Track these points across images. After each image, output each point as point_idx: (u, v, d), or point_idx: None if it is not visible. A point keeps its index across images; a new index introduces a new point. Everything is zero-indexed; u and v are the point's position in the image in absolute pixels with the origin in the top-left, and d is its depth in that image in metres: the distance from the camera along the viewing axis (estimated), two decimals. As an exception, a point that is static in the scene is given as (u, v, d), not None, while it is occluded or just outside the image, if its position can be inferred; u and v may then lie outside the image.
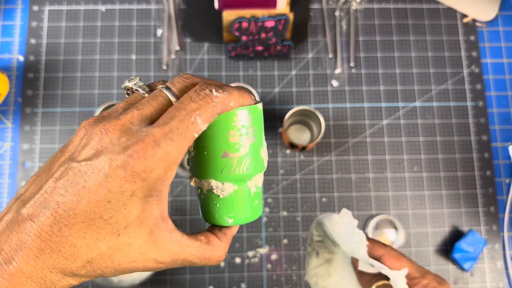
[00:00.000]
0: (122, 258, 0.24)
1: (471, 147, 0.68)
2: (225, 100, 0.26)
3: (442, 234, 0.65)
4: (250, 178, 0.29)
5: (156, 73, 0.68)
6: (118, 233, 0.24)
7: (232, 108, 0.27)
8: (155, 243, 0.25)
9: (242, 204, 0.30)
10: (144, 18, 0.70)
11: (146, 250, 0.25)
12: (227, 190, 0.29)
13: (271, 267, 0.63)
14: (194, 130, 0.24)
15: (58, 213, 0.22)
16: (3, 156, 0.65)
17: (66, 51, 0.69)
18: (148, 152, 0.23)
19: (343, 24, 0.72)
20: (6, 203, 0.64)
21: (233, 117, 0.27)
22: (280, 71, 0.69)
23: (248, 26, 0.63)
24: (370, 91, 0.69)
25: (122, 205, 0.23)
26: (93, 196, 0.22)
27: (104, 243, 0.23)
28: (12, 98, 0.67)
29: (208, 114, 0.25)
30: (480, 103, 0.70)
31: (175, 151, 0.24)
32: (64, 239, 0.22)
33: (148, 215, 0.24)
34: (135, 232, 0.24)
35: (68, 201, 0.22)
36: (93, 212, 0.23)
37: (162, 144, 0.23)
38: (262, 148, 0.29)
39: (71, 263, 0.23)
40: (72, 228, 0.23)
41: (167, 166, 0.24)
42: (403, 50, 0.71)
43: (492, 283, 0.64)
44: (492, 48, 0.72)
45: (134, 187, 0.23)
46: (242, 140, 0.28)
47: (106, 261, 0.24)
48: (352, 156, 0.67)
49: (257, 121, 0.29)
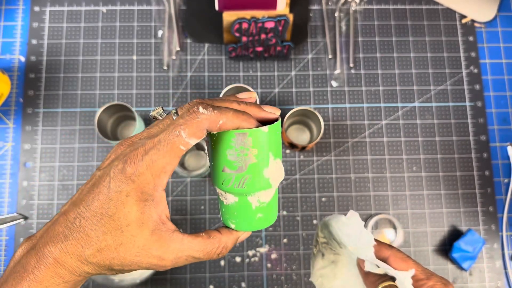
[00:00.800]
0: (126, 252, 0.28)
1: (470, 147, 0.69)
2: (212, 117, 0.28)
3: (441, 234, 0.66)
4: (250, 194, 0.31)
5: (156, 73, 0.69)
6: (122, 230, 0.28)
7: (223, 125, 0.29)
8: (158, 242, 0.29)
9: (243, 215, 0.32)
10: (144, 19, 0.71)
11: (149, 247, 0.28)
12: (229, 199, 0.32)
13: (271, 266, 0.64)
14: (179, 143, 0.28)
15: (80, 209, 0.28)
16: (5, 156, 0.65)
17: (67, 51, 0.69)
18: (138, 159, 0.28)
19: (342, 24, 0.72)
20: (8, 203, 0.64)
21: (231, 137, 0.29)
22: (280, 71, 0.70)
23: (248, 27, 0.63)
24: (370, 91, 0.70)
25: (121, 204, 0.28)
26: (100, 195, 0.28)
27: (110, 237, 0.28)
28: (14, 98, 0.67)
29: (192, 128, 0.28)
30: (479, 103, 0.70)
31: (161, 160, 0.28)
32: (81, 229, 0.28)
33: (147, 218, 0.28)
34: (137, 230, 0.28)
35: (87, 200, 0.28)
36: (101, 208, 0.28)
37: (149, 153, 0.28)
38: (266, 168, 0.30)
39: (85, 250, 0.28)
40: (88, 221, 0.28)
41: (154, 173, 0.28)
42: (402, 51, 0.71)
43: (491, 283, 0.64)
44: (491, 48, 0.72)
45: (128, 188, 0.28)
46: (240, 160, 0.30)
47: (113, 252, 0.28)
48: (351, 156, 0.67)
49: (260, 143, 0.30)
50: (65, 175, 0.65)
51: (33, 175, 0.65)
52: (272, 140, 0.31)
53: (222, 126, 0.29)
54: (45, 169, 0.65)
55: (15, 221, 0.63)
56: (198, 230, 0.64)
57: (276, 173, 0.31)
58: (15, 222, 0.63)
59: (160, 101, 0.68)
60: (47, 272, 0.28)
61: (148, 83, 0.68)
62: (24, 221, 0.63)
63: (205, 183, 0.66)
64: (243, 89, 0.62)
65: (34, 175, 0.65)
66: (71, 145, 0.66)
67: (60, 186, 0.65)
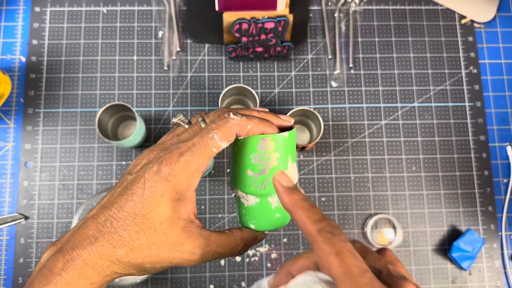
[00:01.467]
0: (159, 249, 0.30)
1: (469, 147, 0.69)
2: (242, 122, 0.31)
3: (441, 234, 0.66)
4: (270, 194, 0.33)
5: (156, 73, 0.69)
6: (155, 228, 0.29)
7: (250, 130, 0.31)
8: (188, 238, 0.30)
9: (263, 215, 0.34)
10: (145, 19, 0.71)
11: (180, 243, 0.30)
12: (250, 201, 0.34)
13: (271, 266, 0.64)
14: (212, 145, 0.30)
15: (111, 211, 0.29)
16: (5, 156, 0.66)
17: (68, 51, 0.69)
18: (173, 160, 0.29)
19: (342, 25, 0.72)
20: (8, 203, 0.64)
21: (256, 142, 0.32)
22: (280, 71, 0.70)
23: (248, 28, 0.64)
24: (369, 91, 0.70)
25: (156, 203, 0.29)
26: (135, 196, 0.29)
27: (143, 236, 0.29)
28: (14, 99, 0.67)
29: (225, 132, 0.30)
30: (478, 103, 0.70)
31: (195, 161, 0.30)
32: (113, 230, 0.29)
33: (178, 216, 0.30)
34: (169, 228, 0.30)
35: (119, 202, 0.30)
36: (135, 208, 0.29)
37: (185, 155, 0.29)
38: (286, 171, 0.33)
39: (117, 250, 0.29)
40: (120, 221, 0.29)
41: (189, 173, 0.30)
42: (402, 51, 0.72)
43: (490, 282, 0.65)
44: (490, 48, 0.72)
45: (163, 188, 0.29)
46: (263, 163, 0.32)
47: (145, 250, 0.29)
48: (351, 156, 0.68)
49: (281, 147, 0.32)
50: (66, 175, 0.65)
51: (34, 175, 0.65)
52: (290, 145, 0.34)
53: (250, 131, 0.31)
54: (46, 169, 0.65)
55: (15, 221, 0.63)
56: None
57: (293, 174, 0.34)
58: (15, 222, 0.63)
59: (160, 101, 0.68)
60: (74, 274, 0.28)
61: (149, 83, 0.69)
62: (24, 221, 0.63)
63: (205, 183, 0.66)
64: (243, 89, 0.62)
65: (34, 175, 0.65)
66: (72, 145, 0.66)
67: (60, 186, 0.65)
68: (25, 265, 0.62)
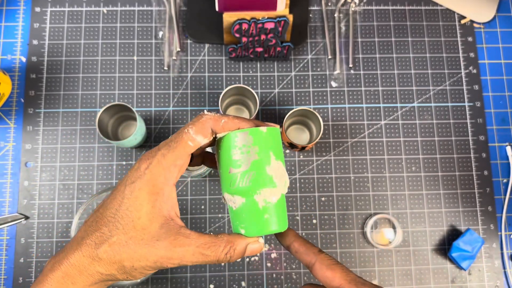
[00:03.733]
0: (136, 244, 0.30)
1: (469, 147, 0.69)
2: (215, 117, 0.32)
3: (440, 233, 0.66)
4: (255, 191, 0.33)
5: (157, 74, 0.69)
6: (133, 223, 0.30)
7: (226, 125, 0.33)
8: (166, 234, 0.30)
9: (250, 216, 0.33)
10: (145, 20, 0.71)
11: (157, 238, 0.30)
12: (237, 202, 0.33)
13: (271, 266, 0.64)
14: (187, 139, 0.31)
15: (99, 211, 0.31)
16: (6, 156, 0.66)
17: (68, 52, 0.69)
18: (151, 155, 0.31)
19: (342, 25, 0.72)
20: (9, 203, 0.64)
21: (234, 138, 0.33)
22: (279, 72, 0.70)
23: (248, 28, 0.64)
24: (369, 91, 0.70)
25: (135, 198, 0.30)
26: (118, 194, 0.31)
27: (121, 231, 0.30)
28: (15, 99, 0.67)
29: (198, 126, 0.32)
30: (478, 103, 0.70)
31: (171, 154, 0.31)
32: (97, 228, 0.30)
33: (157, 212, 0.30)
34: (147, 223, 0.30)
35: (106, 202, 0.31)
36: (117, 205, 0.30)
37: (161, 149, 0.31)
38: (268, 166, 0.33)
39: (98, 247, 0.30)
40: (103, 219, 0.30)
41: (165, 166, 0.31)
42: (402, 51, 0.72)
43: (490, 282, 0.65)
44: (490, 49, 0.73)
45: (141, 182, 0.30)
46: (243, 158, 0.33)
47: (123, 246, 0.30)
48: (351, 156, 0.68)
49: (261, 142, 0.33)
50: (66, 175, 0.65)
51: (34, 175, 0.65)
52: (271, 141, 0.34)
53: (225, 125, 0.32)
54: (46, 169, 0.65)
55: (16, 220, 0.63)
56: (199, 229, 0.65)
57: (278, 172, 0.33)
58: (16, 221, 0.63)
59: (160, 101, 0.68)
60: (60, 275, 0.29)
61: (149, 84, 0.69)
62: (25, 220, 0.64)
63: (205, 183, 0.66)
64: (243, 89, 0.62)
65: (35, 175, 0.65)
66: (72, 145, 0.66)
67: (61, 186, 0.65)
68: (25, 265, 0.62)
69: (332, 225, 0.66)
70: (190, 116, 0.68)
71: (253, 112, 0.63)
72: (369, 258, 0.65)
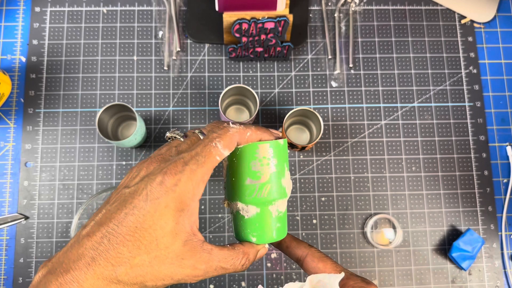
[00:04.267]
0: (160, 264, 0.28)
1: (469, 147, 0.69)
2: (241, 130, 0.32)
3: (441, 233, 0.66)
4: (271, 202, 0.34)
5: (157, 73, 0.69)
6: (157, 242, 0.28)
7: (250, 137, 0.32)
8: (190, 252, 0.29)
9: (264, 225, 0.34)
10: (145, 19, 0.71)
11: (182, 257, 0.29)
12: (251, 212, 0.34)
13: (271, 266, 0.64)
14: (216, 153, 0.30)
15: (109, 227, 0.28)
16: (6, 156, 0.66)
17: (68, 52, 0.69)
18: (178, 169, 0.29)
19: (342, 25, 0.72)
20: (9, 203, 0.64)
21: (255, 149, 0.33)
22: (279, 72, 0.70)
23: (248, 28, 0.64)
24: (369, 91, 0.70)
25: (159, 215, 0.28)
26: (135, 209, 0.28)
27: (144, 251, 0.28)
28: (14, 99, 0.67)
29: (227, 139, 0.31)
30: (478, 103, 0.70)
31: (200, 170, 0.29)
32: (111, 247, 0.27)
33: (181, 228, 0.29)
34: (171, 241, 0.28)
35: (118, 217, 0.28)
36: (136, 222, 0.28)
37: (189, 164, 0.29)
38: (283, 178, 0.34)
39: (116, 269, 0.27)
40: (119, 237, 0.27)
41: (195, 182, 0.29)
42: (402, 51, 0.72)
43: (490, 282, 0.65)
44: (490, 49, 0.73)
45: (167, 199, 0.28)
46: (263, 170, 0.33)
47: (147, 267, 0.28)
48: (351, 156, 0.68)
49: (278, 154, 0.33)
50: (66, 175, 0.65)
51: (34, 175, 0.65)
52: (285, 153, 0.34)
53: (249, 138, 0.32)
54: (46, 169, 0.65)
55: (16, 221, 0.63)
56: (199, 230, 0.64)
57: (289, 183, 0.34)
58: (16, 221, 0.63)
59: (160, 101, 0.68)
60: None
61: (149, 84, 0.69)
62: (25, 221, 0.63)
63: (206, 183, 0.66)
64: (243, 89, 0.62)
65: (35, 175, 0.65)
66: (72, 145, 0.66)
67: (61, 186, 0.65)
68: (25, 265, 0.62)
69: (332, 225, 0.66)
70: (190, 116, 0.68)
71: (253, 112, 0.63)
72: (369, 258, 0.65)
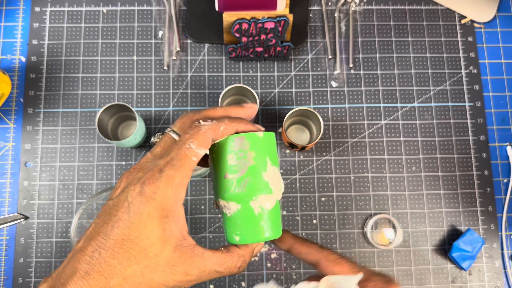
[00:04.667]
0: (152, 273, 0.28)
1: (469, 147, 0.69)
2: (214, 125, 0.31)
3: (441, 233, 0.66)
4: (251, 197, 0.32)
5: (156, 73, 0.69)
6: (146, 251, 0.28)
7: (225, 131, 0.31)
8: (181, 258, 0.29)
9: (245, 222, 0.32)
10: (145, 19, 0.71)
11: (173, 264, 0.29)
12: (232, 208, 0.32)
13: (271, 266, 0.64)
14: (191, 155, 0.30)
15: (98, 240, 0.28)
16: (5, 156, 0.66)
17: (68, 51, 0.69)
18: (155, 177, 0.29)
19: (342, 25, 0.72)
20: (8, 203, 0.64)
21: (230, 142, 0.32)
22: (280, 71, 0.70)
23: (248, 28, 0.64)
24: (369, 91, 0.70)
25: (143, 225, 0.28)
26: (120, 221, 0.28)
27: (134, 261, 0.28)
28: (14, 99, 0.67)
29: (200, 138, 0.30)
30: (478, 103, 0.70)
31: (177, 174, 0.29)
32: (102, 261, 0.28)
33: (169, 235, 0.29)
34: (160, 249, 0.28)
35: (105, 230, 0.28)
36: (122, 234, 0.28)
37: (165, 170, 0.29)
38: (265, 172, 0.32)
39: (109, 281, 0.27)
40: (108, 250, 0.28)
41: (174, 188, 0.29)
42: (402, 51, 0.72)
43: (490, 282, 0.65)
44: (490, 49, 0.72)
45: (149, 208, 0.28)
46: (239, 163, 0.31)
47: (139, 277, 0.28)
48: (351, 156, 0.68)
49: (257, 147, 0.32)
50: (66, 175, 0.65)
51: (34, 175, 0.65)
52: (267, 146, 0.33)
53: (224, 132, 0.31)
54: (46, 169, 0.65)
55: (15, 221, 0.63)
56: (198, 230, 0.64)
57: (274, 178, 0.33)
58: (15, 222, 0.63)
59: (160, 101, 0.68)
60: None
61: (149, 83, 0.69)
62: (24, 221, 0.63)
63: (205, 183, 0.66)
64: (243, 89, 0.62)
65: (34, 175, 0.65)
66: (72, 145, 0.66)
67: (60, 186, 0.65)
68: (25, 265, 0.62)
69: (332, 225, 0.65)
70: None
71: (253, 112, 0.63)
72: (369, 258, 0.65)
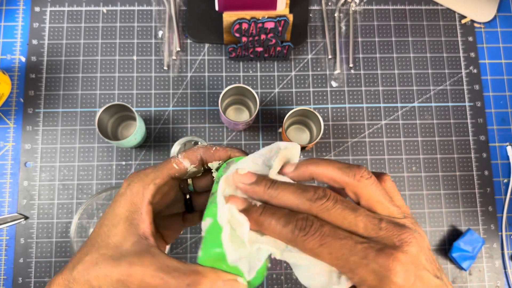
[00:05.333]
0: (105, 263, 0.29)
1: (469, 147, 0.69)
2: (207, 147, 0.33)
3: (441, 234, 0.66)
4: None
5: (156, 73, 0.69)
6: (108, 241, 0.29)
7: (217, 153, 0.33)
8: (134, 252, 0.29)
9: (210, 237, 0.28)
10: (145, 19, 0.71)
11: (125, 256, 0.29)
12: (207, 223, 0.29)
13: (271, 266, 0.64)
14: (174, 162, 0.32)
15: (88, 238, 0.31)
16: (5, 156, 0.66)
17: (68, 51, 0.69)
18: (135, 175, 0.32)
19: (342, 25, 0.72)
20: (8, 203, 0.64)
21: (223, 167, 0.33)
22: (280, 71, 0.70)
23: (248, 28, 0.64)
24: (369, 91, 0.70)
25: (113, 216, 0.30)
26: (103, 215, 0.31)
27: (95, 249, 0.29)
28: (14, 99, 0.67)
29: (188, 152, 0.33)
30: (478, 103, 0.70)
31: (153, 173, 0.32)
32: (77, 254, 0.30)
33: (133, 230, 0.30)
34: (121, 241, 0.29)
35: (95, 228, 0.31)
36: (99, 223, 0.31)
37: (146, 170, 0.32)
38: None
39: (73, 270, 0.29)
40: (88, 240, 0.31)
41: (145, 183, 0.31)
42: (402, 51, 0.72)
43: (490, 282, 0.65)
44: (490, 49, 0.72)
45: (121, 200, 0.31)
46: None
47: (93, 265, 0.28)
48: (351, 156, 0.68)
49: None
50: (66, 175, 0.65)
51: (34, 175, 0.65)
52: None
53: (216, 153, 0.33)
54: (46, 169, 0.65)
55: (15, 221, 0.63)
56: (198, 231, 0.64)
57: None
58: (15, 222, 0.63)
59: (160, 101, 0.68)
60: None
61: (149, 83, 0.69)
62: (24, 221, 0.63)
63: (205, 183, 0.66)
64: (243, 89, 0.62)
65: (34, 175, 0.65)
66: (72, 145, 0.66)
67: (60, 186, 0.65)
68: (25, 265, 0.62)
69: (332, 225, 0.65)
70: (190, 116, 0.68)
71: (253, 112, 0.63)
72: (369, 258, 0.65)
